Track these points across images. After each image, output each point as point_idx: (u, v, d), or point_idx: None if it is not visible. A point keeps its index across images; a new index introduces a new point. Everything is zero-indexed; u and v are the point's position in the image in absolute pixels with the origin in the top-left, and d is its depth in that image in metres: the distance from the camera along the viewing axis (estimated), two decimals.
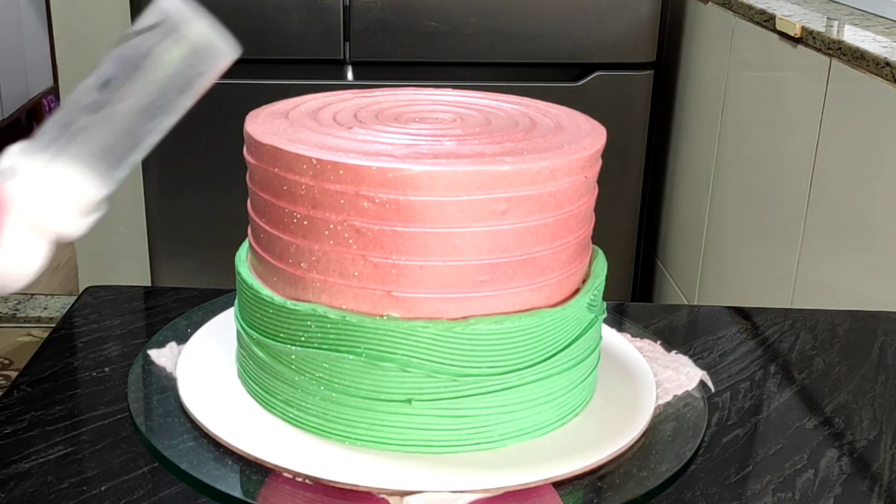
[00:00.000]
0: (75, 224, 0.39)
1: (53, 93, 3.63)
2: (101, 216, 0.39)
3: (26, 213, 0.37)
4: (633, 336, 0.74)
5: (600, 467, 0.58)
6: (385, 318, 0.57)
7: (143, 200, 1.91)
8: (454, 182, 0.55)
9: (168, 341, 0.70)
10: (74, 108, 0.38)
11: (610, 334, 0.73)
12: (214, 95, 2.02)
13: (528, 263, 0.58)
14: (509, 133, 0.62)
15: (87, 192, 0.38)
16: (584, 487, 0.57)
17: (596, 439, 0.60)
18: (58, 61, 2.28)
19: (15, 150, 0.38)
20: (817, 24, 1.36)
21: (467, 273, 0.57)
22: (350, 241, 0.56)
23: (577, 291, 0.62)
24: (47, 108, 3.75)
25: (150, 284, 1.96)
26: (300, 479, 0.56)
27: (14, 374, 2.23)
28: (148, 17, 0.36)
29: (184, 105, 0.39)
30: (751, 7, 1.54)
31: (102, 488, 0.57)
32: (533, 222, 0.57)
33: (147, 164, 1.87)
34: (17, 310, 2.52)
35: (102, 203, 0.39)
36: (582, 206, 0.61)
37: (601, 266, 0.65)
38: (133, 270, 2.29)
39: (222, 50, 0.37)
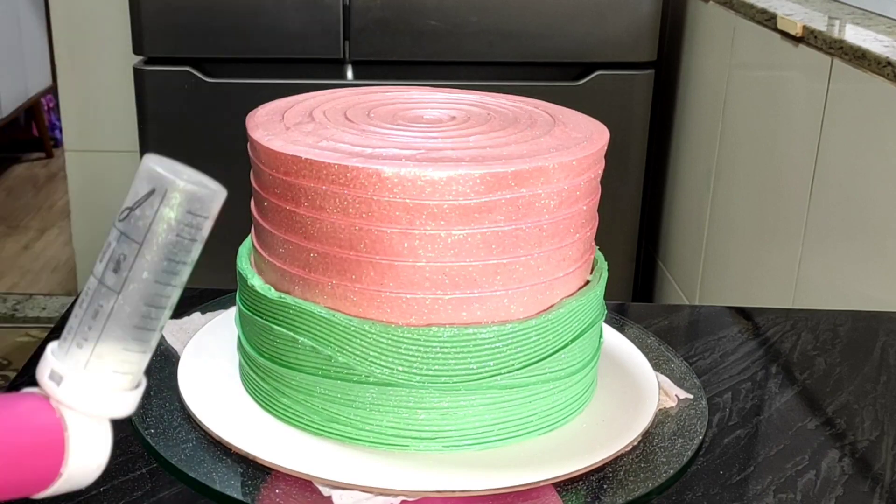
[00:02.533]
0: (129, 401, 0.40)
1: (52, 92, 3.63)
2: (146, 386, 0.41)
3: (84, 411, 0.39)
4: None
5: (600, 467, 0.58)
6: (383, 320, 0.57)
7: None
8: (455, 183, 0.54)
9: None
10: (96, 295, 0.39)
11: (610, 334, 0.73)
12: (214, 94, 2.02)
13: (530, 264, 0.58)
14: (511, 133, 0.62)
15: (130, 370, 0.40)
16: (584, 487, 0.57)
17: (596, 439, 0.60)
18: (56, 61, 2.28)
19: (50, 355, 0.39)
20: (819, 24, 1.36)
21: (469, 274, 0.56)
22: (350, 241, 0.56)
23: (579, 291, 0.62)
24: (46, 107, 3.74)
25: None
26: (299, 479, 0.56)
27: (12, 375, 2.23)
28: (138, 187, 0.38)
29: (195, 255, 0.40)
30: (752, 6, 1.54)
31: (101, 489, 0.57)
32: (535, 223, 0.57)
33: None
34: (15, 310, 2.52)
35: (144, 374, 0.41)
36: (585, 206, 0.60)
37: (602, 266, 0.65)
38: None
39: (213, 195, 0.39)
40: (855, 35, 1.27)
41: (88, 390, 0.39)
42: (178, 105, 1.84)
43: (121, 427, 0.62)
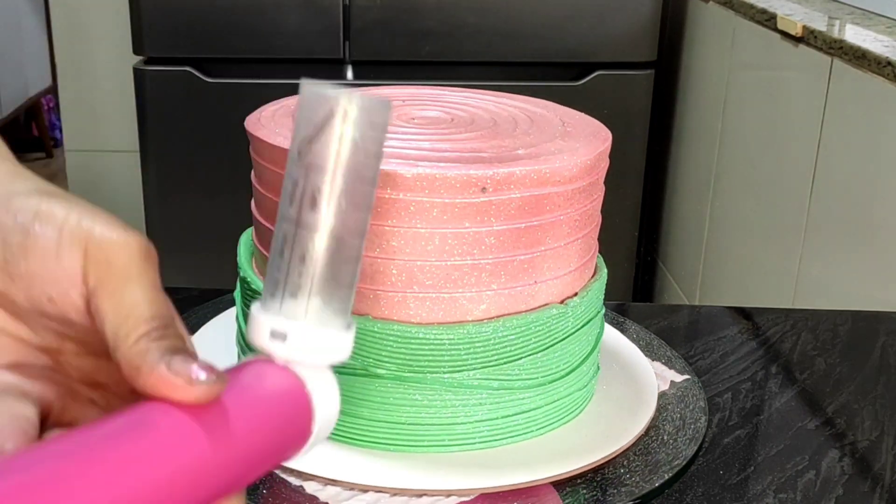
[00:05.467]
0: (348, 343, 0.38)
1: (52, 92, 3.63)
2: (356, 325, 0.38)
3: (313, 362, 0.37)
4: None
5: (600, 467, 0.58)
6: (384, 319, 0.57)
7: (142, 200, 1.91)
8: (457, 183, 0.54)
9: None
10: (296, 240, 0.36)
11: (610, 334, 0.73)
12: (214, 94, 2.01)
13: (533, 264, 0.58)
14: (513, 134, 0.62)
15: (345, 307, 0.37)
16: (584, 487, 0.57)
17: (596, 439, 0.60)
18: (56, 60, 2.28)
19: (261, 314, 0.37)
20: (819, 24, 1.36)
21: (469, 274, 0.56)
22: None
23: (579, 291, 0.62)
24: (46, 107, 3.74)
25: None
26: (298, 480, 0.56)
27: None
28: (311, 115, 0.36)
29: (379, 170, 0.37)
30: (752, 6, 1.54)
31: None
32: (537, 223, 0.57)
33: (146, 163, 1.87)
34: None
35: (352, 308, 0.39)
36: (588, 206, 0.60)
37: (601, 265, 0.65)
38: None
39: (384, 104, 0.36)
40: (855, 35, 1.27)
41: (314, 340, 0.36)
42: (178, 105, 1.84)
43: None
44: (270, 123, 0.62)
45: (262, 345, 0.36)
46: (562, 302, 0.60)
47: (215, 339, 0.70)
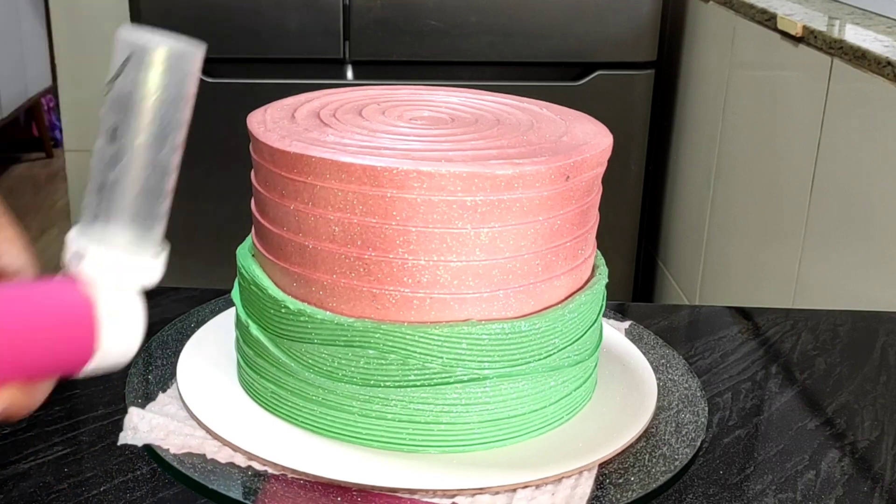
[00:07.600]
0: (154, 269, 0.40)
1: (52, 92, 3.63)
2: (167, 251, 0.41)
3: (110, 283, 0.39)
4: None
5: (600, 467, 0.58)
6: (379, 319, 0.57)
7: None
8: (459, 183, 0.55)
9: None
10: (98, 168, 0.39)
11: (610, 334, 0.73)
12: (214, 94, 2.02)
13: (532, 263, 0.58)
14: (515, 134, 0.62)
15: (146, 236, 0.40)
16: (615, 473, 0.57)
17: (596, 439, 0.60)
18: (56, 61, 2.28)
19: (72, 235, 0.40)
20: (819, 24, 1.36)
21: (469, 274, 0.56)
22: (353, 240, 0.56)
23: (578, 291, 0.62)
24: (46, 107, 3.74)
25: None
26: (301, 479, 0.56)
27: None
28: (117, 56, 0.38)
29: (185, 114, 0.40)
30: (752, 6, 1.54)
31: (101, 489, 0.57)
32: (537, 222, 0.57)
33: None
34: None
35: (163, 239, 0.41)
36: (587, 206, 0.60)
37: (601, 265, 0.65)
38: None
39: (191, 51, 0.38)
40: (855, 35, 1.27)
41: (110, 262, 0.39)
42: None
43: (121, 427, 0.63)
44: (271, 123, 0.62)
45: (67, 264, 0.39)
46: (561, 302, 0.61)
47: (215, 340, 0.70)
